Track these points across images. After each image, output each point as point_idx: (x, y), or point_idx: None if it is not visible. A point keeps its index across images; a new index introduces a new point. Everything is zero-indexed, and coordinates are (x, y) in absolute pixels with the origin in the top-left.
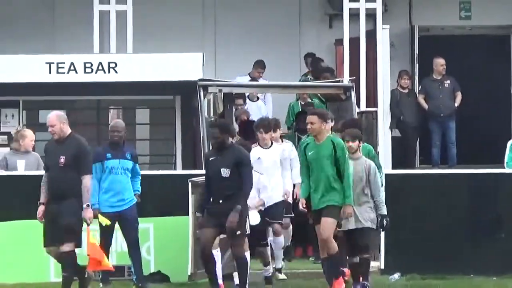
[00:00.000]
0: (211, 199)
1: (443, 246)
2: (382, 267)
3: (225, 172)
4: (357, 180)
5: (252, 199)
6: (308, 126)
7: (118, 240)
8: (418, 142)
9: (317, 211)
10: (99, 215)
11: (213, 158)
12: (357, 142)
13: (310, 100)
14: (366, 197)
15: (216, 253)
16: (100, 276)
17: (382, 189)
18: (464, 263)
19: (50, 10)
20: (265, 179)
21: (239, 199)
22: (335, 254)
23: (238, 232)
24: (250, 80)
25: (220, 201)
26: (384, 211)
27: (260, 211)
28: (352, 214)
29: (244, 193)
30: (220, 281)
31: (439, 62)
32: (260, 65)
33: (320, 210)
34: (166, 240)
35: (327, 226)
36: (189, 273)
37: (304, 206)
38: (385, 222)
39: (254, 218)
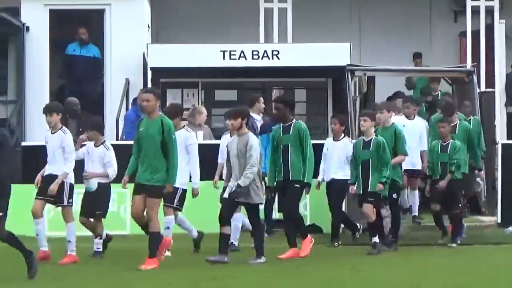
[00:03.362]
0: None
1: None
2: (499, 221)
3: None
4: (240, 155)
5: None
6: (144, 103)
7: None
8: None
9: (141, 185)
10: None
11: None
12: (239, 120)
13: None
14: None
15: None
16: (265, 228)
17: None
18: None
19: (225, 8)
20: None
21: None
22: (155, 232)
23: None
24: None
25: None
26: (241, 182)
27: None
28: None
29: None
30: (44, 248)
31: None
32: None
33: (143, 185)
34: (321, 199)
35: (151, 205)
36: (343, 225)
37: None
38: (233, 189)
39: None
